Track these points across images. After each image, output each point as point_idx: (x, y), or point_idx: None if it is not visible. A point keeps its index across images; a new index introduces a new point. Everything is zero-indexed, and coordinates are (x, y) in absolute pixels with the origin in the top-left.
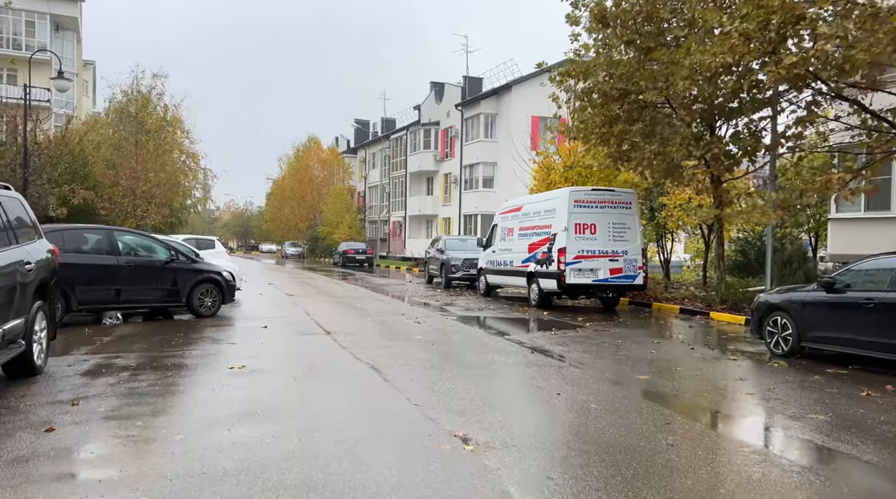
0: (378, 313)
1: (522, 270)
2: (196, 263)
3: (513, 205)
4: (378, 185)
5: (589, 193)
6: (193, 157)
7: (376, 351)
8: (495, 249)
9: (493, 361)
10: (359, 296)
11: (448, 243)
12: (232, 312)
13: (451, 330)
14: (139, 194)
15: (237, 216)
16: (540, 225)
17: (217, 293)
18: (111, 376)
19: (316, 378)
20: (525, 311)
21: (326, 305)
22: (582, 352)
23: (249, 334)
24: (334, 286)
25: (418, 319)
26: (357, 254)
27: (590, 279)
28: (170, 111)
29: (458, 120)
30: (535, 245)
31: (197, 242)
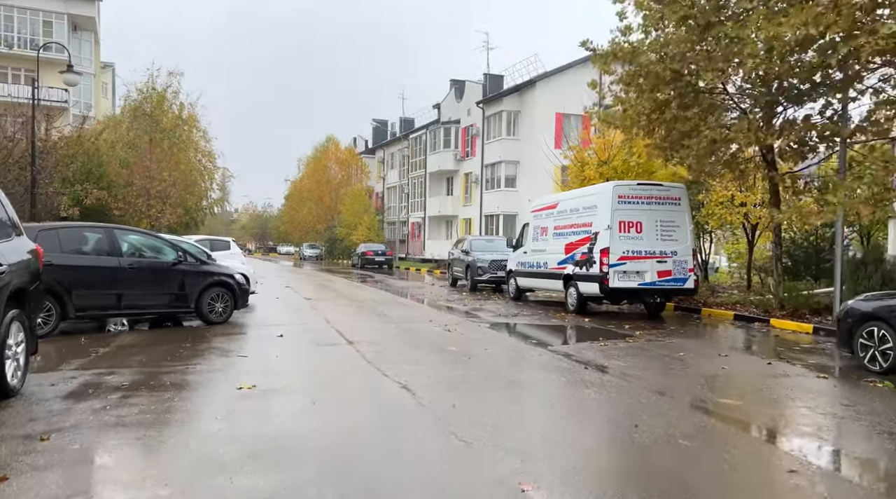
0: (403, 320)
1: (558, 273)
2: (206, 266)
3: (547, 202)
4: (397, 185)
5: (634, 187)
6: (209, 156)
7: (406, 367)
8: (527, 249)
9: (543, 379)
10: (381, 300)
11: (473, 244)
12: (245, 319)
13: (486, 340)
14: (153, 194)
15: (255, 218)
16: (579, 223)
17: (229, 298)
18: (98, 398)
19: (338, 403)
20: (562, 317)
21: (347, 310)
22: (643, 368)
23: (263, 345)
24: (354, 290)
25: (448, 327)
26: (376, 256)
27: (635, 283)
28: (185, 110)
29: (479, 118)
30: (572, 245)
31: (211, 243)
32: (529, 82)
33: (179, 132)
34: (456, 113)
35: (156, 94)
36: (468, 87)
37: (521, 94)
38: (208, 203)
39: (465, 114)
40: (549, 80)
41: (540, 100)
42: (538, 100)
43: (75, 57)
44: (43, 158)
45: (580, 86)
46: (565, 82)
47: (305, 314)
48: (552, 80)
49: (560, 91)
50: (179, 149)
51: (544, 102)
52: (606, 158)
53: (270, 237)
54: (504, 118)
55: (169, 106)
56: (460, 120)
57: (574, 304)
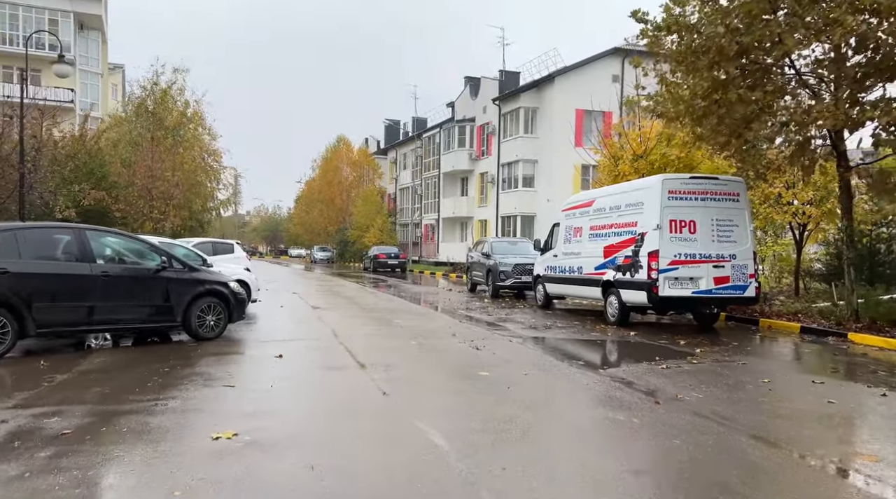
0: (423, 334)
1: (595, 279)
2: (195, 273)
3: (580, 199)
4: (409, 186)
5: (687, 181)
6: (215, 155)
7: (434, 401)
8: (557, 252)
9: (609, 422)
10: (395, 308)
11: (495, 246)
12: (242, 333)
13: (523, 361)
14: (156, 195)
15: (266, 220)
16: (620, 223)
17: (222, 309)
18: (20, 457)
19: (344, 469)
20: (602, 330)
21: (358, 321)
22: (727, 401)
23: (257, 369)
24: (366, 296)
25: (475, 343)
26: (389, 259)
27: (689, 291)
28: (190, 107)
29: (496, 115)
30: (613, 248)
31: (213, 246)
32: (548, 77)
33: (184, 131)
34: (471, 111)
35: (159, 90)
36: (484, 83)
37: (540, 90)
38: (214, 204)
39: (480, 111)
40: (568, 76)
41: (559, 96)
42: (557, 96)
43: (82, 56)
44: (33, 157)
45: (602, 81)
46: (586, 77)
47: (311, 327)
48: (572, 75)
49: (580, 86)
50: (184, 147)
51: (564, 99)
52: (643, 151)
53: (281, 240)
54: (521, 115)
55: (173, 103)
56: (475, 118)
57: (615, 314)
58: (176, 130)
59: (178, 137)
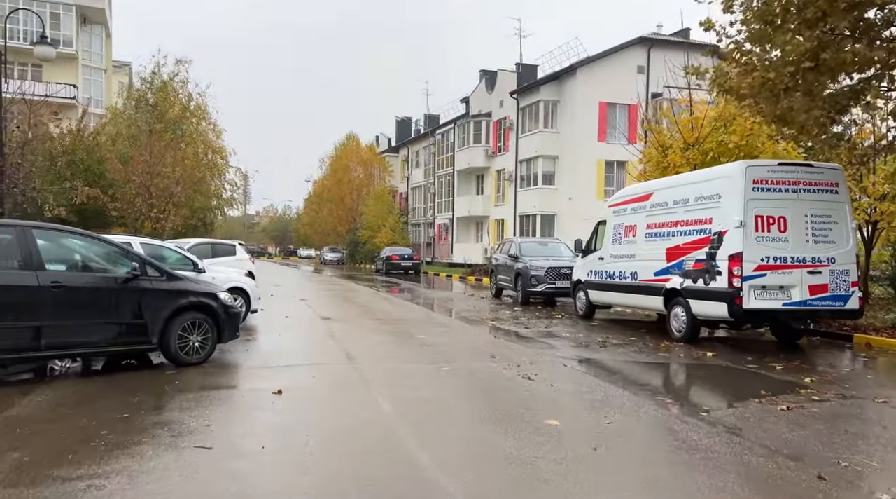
0: (455, 355)
1: (655, 286)
2: (176, 282)
3: (633, 192)
4: (422, 185)
5: (774, 168)
6: (219, 151)
7: (486, 472)
8: (604, 255)
9: None
10: (415, 319)
11: (523, 248)
12: (236, 354)
13: (592, 398)
14: (155, 193)
15: (276, 221)
16: (689, 220)
17: (210, 327)
18: None
19: None
20: (668, 347)
21: (375, 336)
22: None
23: (247, 416)
24: (381, 302)
25: (523, 370)
26: (402, 260)
27: (778, 302)
28: (193, 100)
29: (513, 110)
30: (679, 249)
31: (213, 248)
32: (569, 69)
33: (186, 125)
34: (487, 105)
35: (161, 83)
36: (500, 76)
37: (561, 82)
38: (219, 203)
39: (496, 106)
40: (591, 67)
41: (582, 88)
42: (579, 88)
43: (84, 51)
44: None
45: (626, 72)
46: (609, 68)
47: (320, 346)
48: (594, 66)
49: (604, 78)
50: (186, 142)
51: (586, 91)
52: (694, 139)
53: (290, 240)
54: (541, 109)
55: (175, 95)
56: (492, 113)
57: (681, 329)
58: (177, 124)
59: (180, 131)
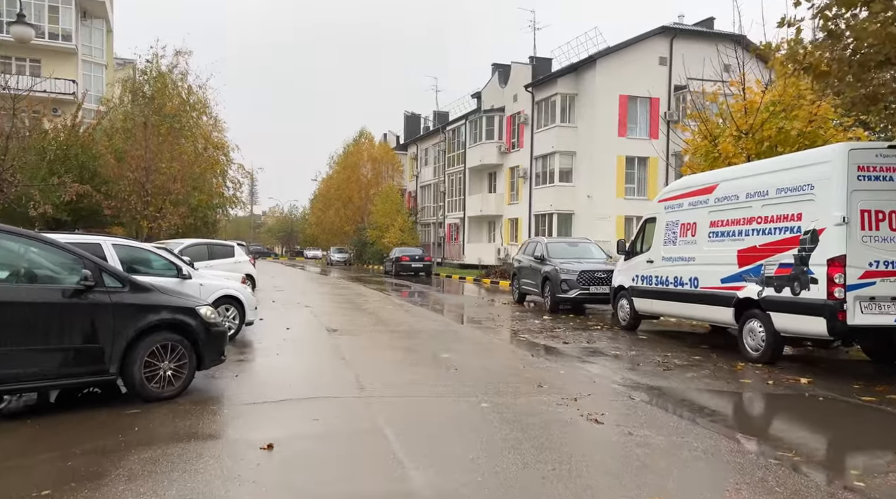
0: (493, 383)
1: (723, 295)
2: (144, 294)
3: (692, 184)
4: (431, 183)
5: (885, 152)
6: (220, 147)
7: None
8: (653, 257)
9: None
10: (436, 331)
11: (551, 249)
12: (222, 383)
13: (698, 458)
14: (151, 191)
15: (281, 221)
16: (770, 216)
17: (185, 351)
18: None
19: None
20: (742, 371)
21: (391, 355)
22: None
23: (222, 491)
24: (394, 310)
25: (586, 409)
26: (413, 261)
27: (892, 317)
28: (194, 93)
29: (528, 104)
30: (756, 251)
31: (209, 249)
32: (589, 60)
33: (186, 118)
34: (500, 100)
35: (159, 75)
36: (514, 69)
37: (579, 74)
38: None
39: (510, 100)
40: (610, 59)
41: (600, 80)
42: (599, 80)
43: (84, 46)
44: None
45: (648, 64)
46: (629, 60)
47: (325, 370)
48: (614, 58)
49: (624, 70)
50: (185, 137)
51: (606, 83)
52: (748, 126)
53: (297, 241)
54: (558, 103)
55: (174, 88)
56: (505, 107)
57: (759, 348)
58: (175, 117)
59: (178, 125)
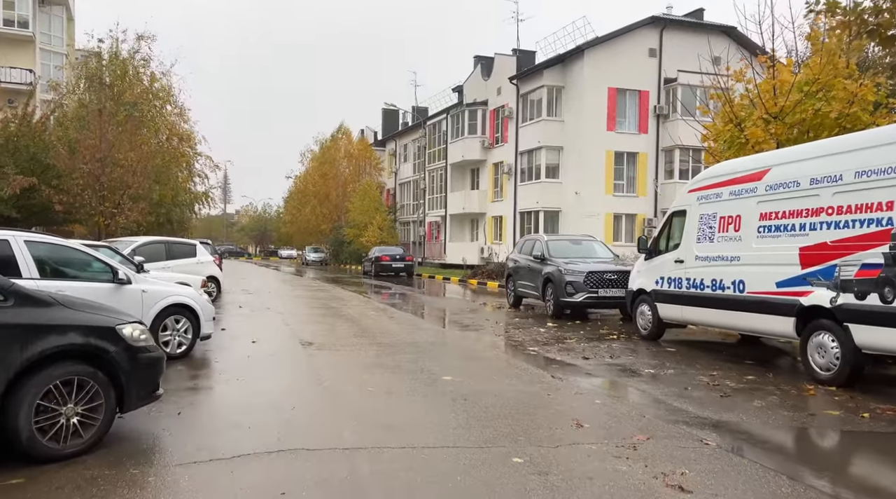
0: (520, 425)
1: (781, 302)
2: (37, 310)
3: (733, 170)
4: (411, 180)
5: None
6: (186, 138)
7: None
8: (684, 256)
9: None
10: (430, 344)
11: (552, 247)
12: (159, 424)
13: None
14: (107, 184)
15: (255, 219)
16: (847, 206)
17: (102, 388)
18: None
19: None
20: (812, 395)
21: (381, 380)
22: None
23: None
24: (379, 316)
25: (658, 468)
26: (393, 261)
27: None
28: (157, 80)
29: (512, 97)
30: (827, 249)
31: (167, 248)
32: (576, 51)
33: (148, 107)
34: (483, 93)
35: (118, 60)
36: (498, 61)
37: (566, 65)
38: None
39: (493, 94)
40: (599, 50)
41: (588, 72)
42: (587, 72)
43: (43, 34)
44: None
45: (636, 56)
46: (618, 51)
47: (300, 403)
48: (603, 49)
49: (612, 62)
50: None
51: (594, 75)
52: (778, 110)
53: (271, 240)
54: (544, 96)
55: (135, 75)
56: (488, 101)
57: (833, 367)
58: (135, 105)
59: (139, 113)
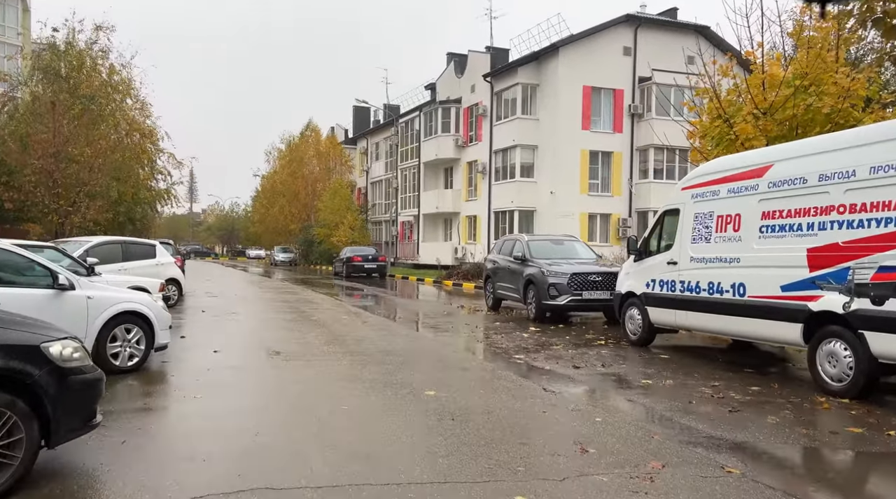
0: (524, 454)
1: (786, 307)
2: None
3: (731, 166)
4: (383, 179)
5: None
6: (148, 134)
7: None
8: (677, 257)
9: None
10: (409, 352)
11: (533, 247)
12: (93, 458)
13: None
14: (61, 181)
15: (222, 219)
16: (860, 204)
17: (22, 419)
18: None
19: None
20: (830, 411)
21: (359, 394)
22: None
23: None
24: (352, 321)
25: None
26: (366, 261)
27: None
28: (117, 73)
29: (487, 95)
30: (838, 251)
31: (124, 249)
32: (551, 48)
33: (106, 100)
34: (456, 91)
35: (74, 51)
36: (472, 59)
37: (540, 63)
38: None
39: (467, 91)
40: (574, 47)
41: (563, 70)
42: (561, 70)
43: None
44: None
45: (611, 54)
46: (593, 49)
47: (265, 427)
48: (578, 47)
49: (588, 60)
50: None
51: (569, 74)
52: (768, 105)
53: (238, 240)
54: (519, 93)
55: (93, 66)
56: (461, 99)
57: (846, 377)
58: (93, 98)
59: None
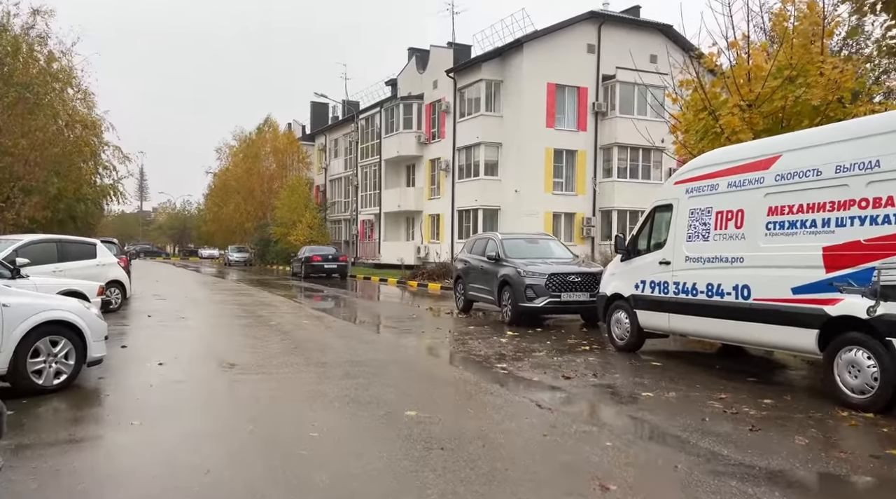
0: (532, 495)
1: (800, 311)
2: None
3: (732, 158)
4: (342, 176)
5: None
6: (91, 126)
7: None
8: (671, 256)
9: None
10: (381, 363)
11: (508, 247)
12: None
13: None
14: None
15: (173, 217)
16: (885, 197)
17: None
18: None
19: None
20: (859, 427)
21: (328, 415)
22: None
23: None
24: (314, 327)
25: None
26: (325, 261)
27: None
28: (56, 60)
29: (450, 91)
30: (860, 249)
31: (60, 248)
32: (515, 44)
33: (45, 90)
34: (418, 87)
35: (9, 36)
36: (434, 54)
37: (504, 59)
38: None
39: (429, 87)
40: (538, 44)
41: (528, 67)
42: (526, 67)
43: None
44: None
45: (575, 51)
46: (558, 46)
47: (217, 463)
48: (542, 43)
49: (552, 57)
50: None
51: (533, 70)
52: (754, 97)
53: (190, 239)
54: (482, 90)
55: (29, 53)
56: (424, 94)
57: (871, 390)
58: (28, 86)
59: (33, 96)
